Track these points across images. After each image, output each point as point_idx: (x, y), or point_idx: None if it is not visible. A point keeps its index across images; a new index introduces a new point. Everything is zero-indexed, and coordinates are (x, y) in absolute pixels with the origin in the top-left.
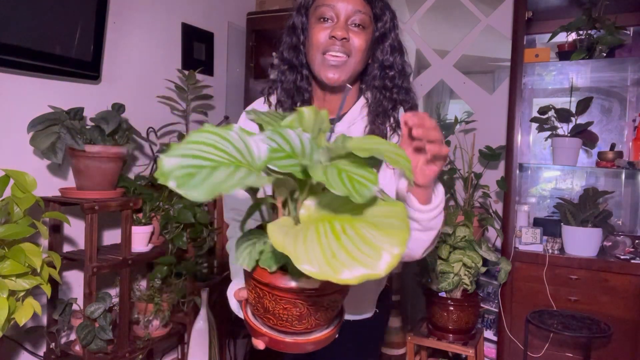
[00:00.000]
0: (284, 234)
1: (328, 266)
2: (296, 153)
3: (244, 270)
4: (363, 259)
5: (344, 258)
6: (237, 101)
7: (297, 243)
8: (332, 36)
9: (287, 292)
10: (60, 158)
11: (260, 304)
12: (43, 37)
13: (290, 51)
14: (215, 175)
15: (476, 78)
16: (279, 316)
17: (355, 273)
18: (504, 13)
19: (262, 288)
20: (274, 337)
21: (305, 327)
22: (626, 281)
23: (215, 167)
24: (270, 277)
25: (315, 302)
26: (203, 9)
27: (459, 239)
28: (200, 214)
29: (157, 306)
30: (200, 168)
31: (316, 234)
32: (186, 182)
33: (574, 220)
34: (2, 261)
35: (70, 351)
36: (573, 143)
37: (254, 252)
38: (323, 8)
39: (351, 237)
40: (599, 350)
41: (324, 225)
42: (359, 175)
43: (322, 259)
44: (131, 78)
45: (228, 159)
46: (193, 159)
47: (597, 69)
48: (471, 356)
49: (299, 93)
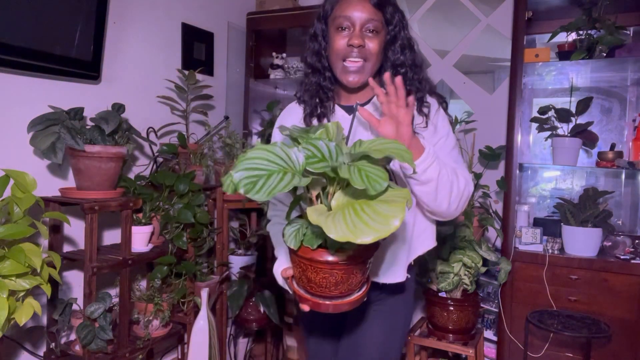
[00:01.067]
0: (319, 215)
1: (350, 232)
2: (326, 157)
3: (290, 250)
4: (375, 226)
5: (361, 226)
6: (237, 101)
7: (328, 219)
8: (349, 44)
9: (325, 264)
10: (60, 158)
11: (304, 275)
12: (43, 37)
13: (314, 56)
14: (270, 181)
15: (476, 78)
16: (320, 284)
17: (371, 236)
18: (504, 13)
19: (306, 262)
20: (316, 301)
21: (340, 291)
22: (626, 281)
23: (269, 175)
24: (312, 253)
25: (347, 271)
26: (203, 9)
27: (459, 239)
28: (200, 214)
29: (157, 306)
30: (259, 177)
31: (342, 214)
32: (251, 189)
33: (574, 220)
34: (2, 261)
35: (70, 351)
36: (573, 143)
37: (299, 235)
38: (340, 19)
39: (367, 213)
40: (599, 350)
41: (348, 208)
42: (374, 174)
43: (346, 228)
44: (131, 78)
45: (277, 168)
46: (252, 170)
47: (597, 69)
48: (471, 356)
49: (323, 92)
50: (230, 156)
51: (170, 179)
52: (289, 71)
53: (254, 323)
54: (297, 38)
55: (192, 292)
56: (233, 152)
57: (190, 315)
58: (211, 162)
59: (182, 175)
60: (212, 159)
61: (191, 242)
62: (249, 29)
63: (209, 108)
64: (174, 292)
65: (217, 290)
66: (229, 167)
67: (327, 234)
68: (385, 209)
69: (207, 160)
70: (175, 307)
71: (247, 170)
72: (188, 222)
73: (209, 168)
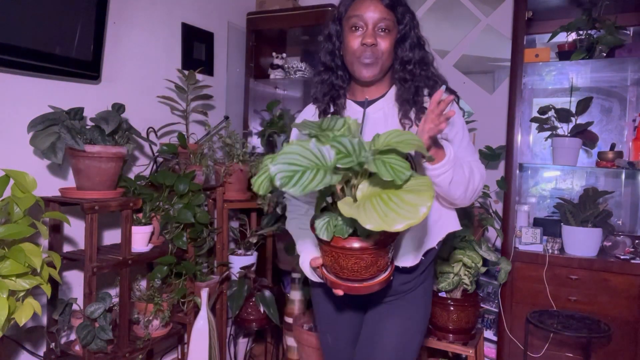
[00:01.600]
0: (350, 207)
1: (383, 222)
2: (351, 153)
3: (321, 241)
4: (405, 214)
5: (393, 215)
6: (237, 101)
7: (360, 212)
8: (363, 43)
9: (357, 250)
10: (60, 158)
11: (337, 263)
12: (43, 37)
13: (327, 55)
14: (304, 177)
15: (476, 78)
16: (352, 269)
17: (403, 223)
18: (504, 13)
19: (338, 251)
20: (348, 285)
21: (370, 274)
22: (626, 281)
23: (304, 171)
24: (343, 242)
25: (376, 255)
26: (203, 9)
27: (459, 239)
28: (200, 214)
29: (157, 306)
30: (295, 172)
31: (371, 204)
32: (287, 182)
33: (574, 220)
34: (2, 261)
35: (70, 351)
36: (573, 143)
37: (330, 227)
38: (354, 19)
39: (396, 202)
40: (599, 350)
41: (376, 198)
42: (398, 165)
43: (379, 218)
44: (131, 78)
45: (311, 164)
46: (288, 165)
47: (597, 69)
48: (471, 356)
49: (336, 90)
50: (230, 156)
51: (170, 179)
52: (289, 71)
53: (254, 323)
54: (297, 38)
55: (192, 292)
56: (233, 152)
57: (190, 315)
58: (211, 162)
59: (182, 175)
60: (212, 159)
61: (191, 242)
62: (249, 29)
63: (209, 108)
64: (174, 292)
65: (217, 290)
66: (229, 167)
67: (362, 225)
68: (412, 198)
69: (207, 160)
70: (175, 307)
71: (284, 164)
72: (188, 222)
73: (209, 168)
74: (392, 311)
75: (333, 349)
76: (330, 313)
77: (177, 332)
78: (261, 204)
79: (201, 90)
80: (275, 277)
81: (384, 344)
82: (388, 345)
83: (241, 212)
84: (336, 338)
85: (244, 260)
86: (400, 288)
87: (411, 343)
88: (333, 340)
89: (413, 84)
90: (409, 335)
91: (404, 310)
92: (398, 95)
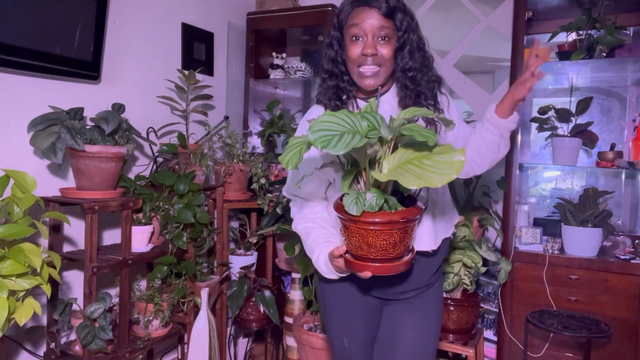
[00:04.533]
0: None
1: (422, 180)
2: (377, 127)
3: (348, 220)
4: (442, 171)
5: (429, 174)
6: (237, 101)
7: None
8: (363, 54)
9: (387, 225)
10: (60, 158)
11: (364, 242)
12: (43, 37)
13: (330, 63)
14: (344, 138)
15: (476, 78)
16: (380, 247)
17: (442, 179)
18: (504, 13)
19: (367, 227)
20: (376, 265)
21: (397, 252)
22: (626, 281)
23: (342, 134)
24: (373, 216)
25: (404, 230)
26: (203, 9)
27: (458, 239)
28: (200, 214)
29: (157, 306)
30: (332, 136)
31: (405, 170)
32: (327, 144)
33: (574, 220)
34: (2, 261)
35: (70, 351)
36: (573, 143)
37: (360, 201)
38: (353, 28)
39: (428, 164)
40: (599, 350)
41: (407, 165)
42: (425, 131)
43: (417, 179)
44: (131, 78)
45: (347, 129)
46: (325, 131)
47: (597, 69)
48: (471, 356)
49: (343, 92)
50: (230, 156)
51: (170, 179)
52: (289, 71)
53: (254, 323)
54: (297, 38)
55: (192, 292)
56: (233, 152)
57: (190, 315)
58: (211, 162)
59: (182, 175)
60: (212, 159)
61: (191, 242)
62: (249, 29)
63: (209, 108)
64: (174, 292)
65: (217, 290)
66: (229, 167)
67: (404, 185)
68: (444, 157)
69: (207, 160)
70: (175, 307)
71: (320, 131)
72: (188, 222)
73: (209, 168)
74: (411, 309)
75: (350, 351)
76: (346, 314)
77: (177, 332)
78: (261, 204)
79: (201, 90)
80: (275, 277)
81: (404, 342)
82: (409, 344)
83: (241, 212)
84: (353, 340)
85: (244, 260)
86: (420, 280)
87: (431, 341)
88: (350, 342)
89: (414, 89)
90: (429, 333)
91: (423, 308)
92: (400, 99)
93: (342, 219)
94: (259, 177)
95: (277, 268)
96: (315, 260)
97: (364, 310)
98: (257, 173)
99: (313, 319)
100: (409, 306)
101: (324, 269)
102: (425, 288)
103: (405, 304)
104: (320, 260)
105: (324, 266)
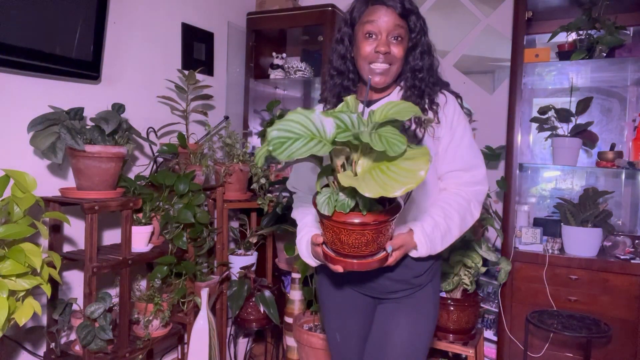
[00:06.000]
0: (349, 178)
1: (382, 189)
2: (349, 128)
3: (322, 216)
4: (403, 180)
5: (391, 183)
6: (237, 101)
7: (359, 181)
8: (377, 51)
9: (358, 225)
10: (60, 158)
11: (337, 238)
12: (43, 37)
13: (339, 59)
14: (295, 144)
15: (476, 78)
16: (352, 245)
17: (401, 189)
18: (504, 13)
19: (339, 226)
20: (348, 261)
21: (370, 250)
22: (626, 281)
23: (297, 138)
24: (345, 216)
25: (376, 231)
26: (203, 9)
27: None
28: (200, 214)
29: (157, 306)
30: (288, 139)
31: (370, 175)
32: (278, 148)
33: (574, 220)
34: (2, 261)
35: (70, 351)
36: (573, 143)
37: (331, 201)
38: (368, 25)
39: (393, 170)
40: (599, 350)
41: (375, 170)
42: (393, 137)
43: (377, 186)
44: (131, 78)
45: (306, 133)
46: (285, 132)
47: (597, 69)
48: (471, 356)
49: (346, 93)
50: (230, 156)
51: (170, 179)
52: (289, 71)
53: (254, 323)
54: (297, 38)
55: (192, 292)
56: (233, 152)
57: (190, 315)
58: (211, 162)
59: (182, 175)
60: (212, 159)
61: (191, 242)
62: (249, 29)
63: (209, 108)
64: (174, 292)
65: (217, 290)
66: (229, 167)
67: (361, 193)
68: (409, 165)
69: (207, 160)
70: (175, 307)
71: (282, 130)
72: (188, 222)
73: (209, 168)
74: (403, 309)
75: (342, 346)
76: (339, 310)
77: (177, 332)
78: (261, 204)
79: (201, 90)
80: (275, 277)
81: (394, 342)
82: (399, 344)
83: (241, 212)
84: (345, 334)
85: (244, 260)
86: (407, 279)
87: (422, 342)
88: (342, 337)
89: (420, 90)
90: (419, 333)
91: (415, 309)
92: (404, 99)
93: (318, 214)
94: (259, 177)
95: (277, 268)
96: (299, 240)
97: (357, 307)
98: (257, 173)
99: (313, 319)
100: (400, 306)
101: (304, 251)
102: (417, 288)
103: (397, 304)
104: (303, 242)
105: (304, 249)
